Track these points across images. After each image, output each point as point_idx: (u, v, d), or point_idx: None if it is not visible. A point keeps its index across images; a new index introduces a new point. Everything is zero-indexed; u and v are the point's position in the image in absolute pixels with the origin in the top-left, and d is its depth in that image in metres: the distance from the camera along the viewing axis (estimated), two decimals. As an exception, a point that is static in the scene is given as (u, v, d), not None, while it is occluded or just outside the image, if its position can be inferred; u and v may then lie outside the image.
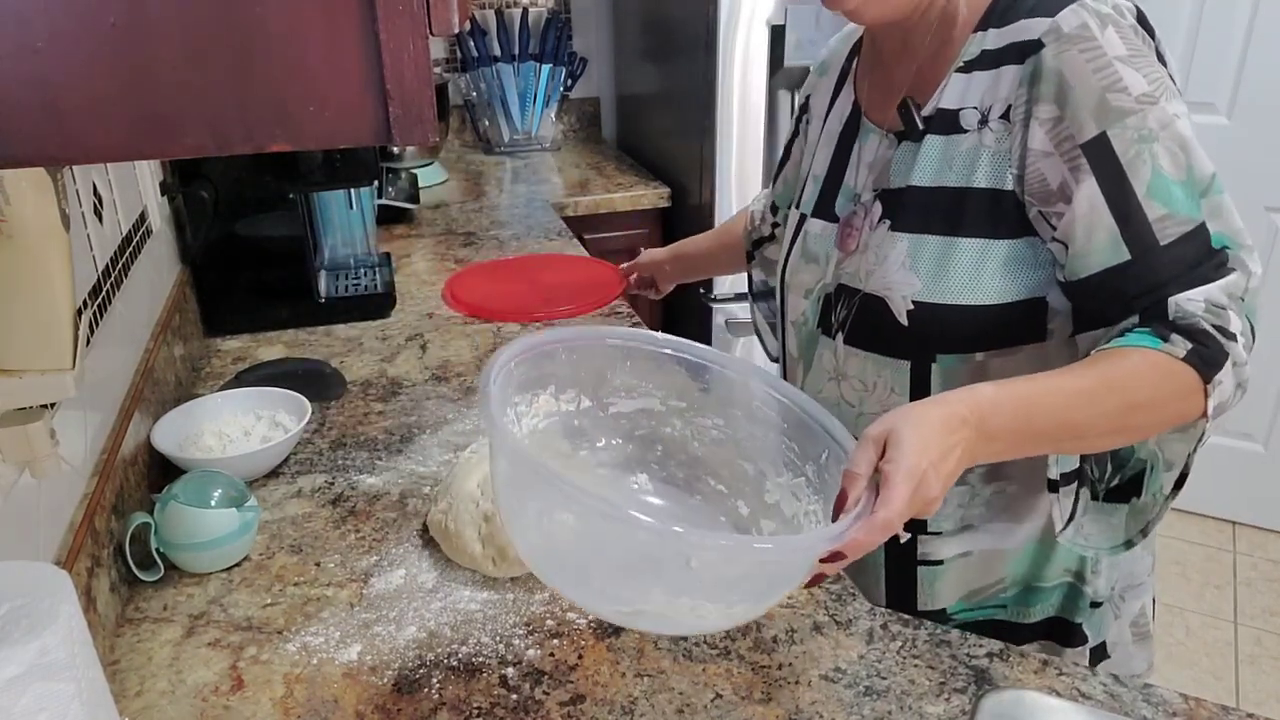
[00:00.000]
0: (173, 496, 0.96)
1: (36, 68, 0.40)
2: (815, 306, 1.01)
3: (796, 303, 1.04)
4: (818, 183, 1.03)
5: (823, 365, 1.00)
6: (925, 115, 0.89)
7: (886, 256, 0.90)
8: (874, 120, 0.97)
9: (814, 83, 1.12)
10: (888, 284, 0.90)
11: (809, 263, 1.02)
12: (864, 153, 0.97)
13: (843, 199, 0.99)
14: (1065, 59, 0.79)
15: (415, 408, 1.29)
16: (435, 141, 0.58)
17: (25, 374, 0.68)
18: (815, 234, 1.02)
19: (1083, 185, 0.80)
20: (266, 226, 1.55)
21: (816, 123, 1.08)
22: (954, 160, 0.87)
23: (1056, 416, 0.76)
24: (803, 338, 1.04)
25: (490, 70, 2.66)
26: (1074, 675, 0.82)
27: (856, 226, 0.96)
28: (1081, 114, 0.79)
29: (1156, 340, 0.77)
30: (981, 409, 0.73)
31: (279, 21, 0.42)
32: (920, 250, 0.88)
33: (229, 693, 0.82)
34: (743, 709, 0.79)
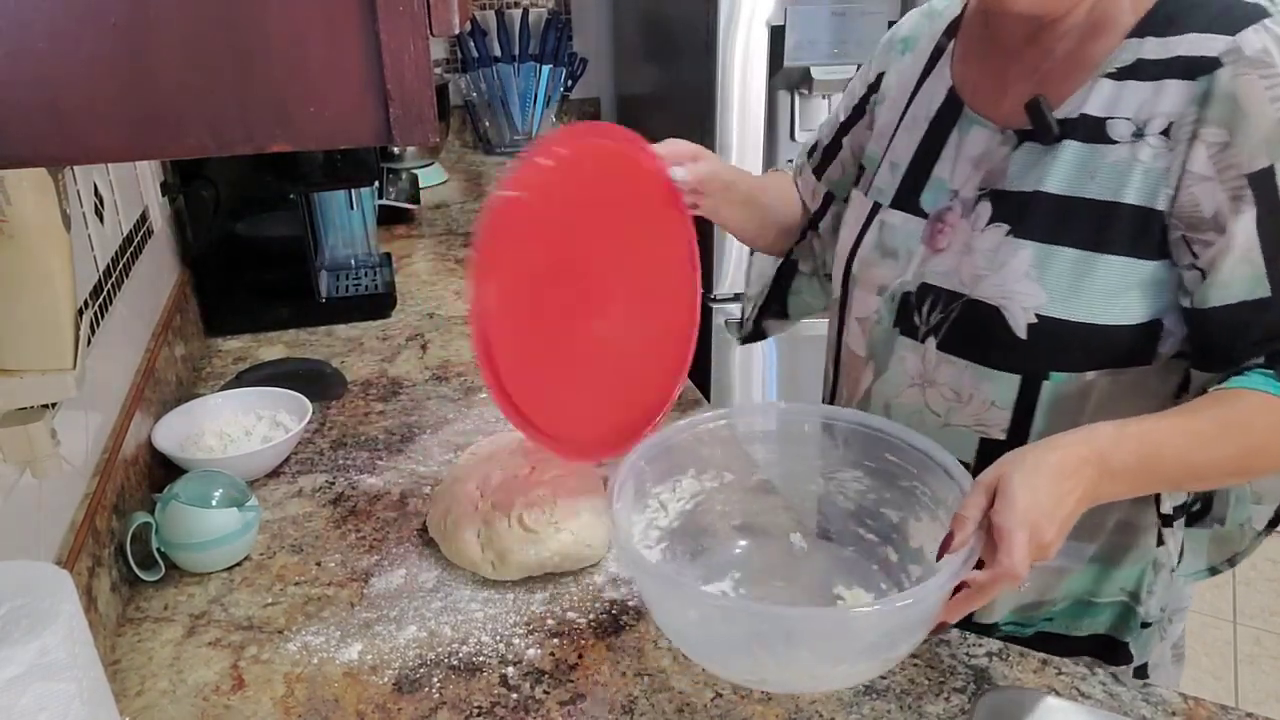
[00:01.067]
0: (174, 496, 0.96)
1: (38, 68, 0.41)
2: (891, 304, 0.95)
3: (866, 299, 0.98)
4: (897, 171, 0.97)
5: (904, 369, 0.94)
6: (1062, 119, 0.83)
7: (1005, 263, 0.85)
8: (982, 112, 0.91)
9: (891, 59, 1.04)
10: (1006, 292, 0.85)
11: (885, 257, 0.96)
12: (966, 146, 0.91)
13: (932, 193, 0.93)
14: (1243, 83, 0.75)
15: (416, 408, 1.29)
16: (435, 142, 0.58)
17: (26, 374, 0.68)
18: (895, 226, 0.95)
19: (1241, 216, 0.76)
20: (267, 227, 1.55)
21: (893, 104, 1.01)
22: (1097, 171, 0.82)
23: (1177, 458, 0.76)
24: (875, 337, 0.97)
25: (490, 71, 2.66)
26: (1073, 675, 0.82)
27: (950, 224, 0.90)
28: (1253, 143, 0.75)
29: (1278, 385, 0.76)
30: (1103, 449, 0.73)
31: (279, 22, 0.42)
32: (1049, 261, 0.83)
33: (230, 692, 0.82)
34: (743, 708, 0.79)
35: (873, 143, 1.03)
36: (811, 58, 2.08)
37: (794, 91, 2.21)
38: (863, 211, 1.00)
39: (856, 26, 2.07)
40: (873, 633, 0.70)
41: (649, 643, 0.86)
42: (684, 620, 0.76)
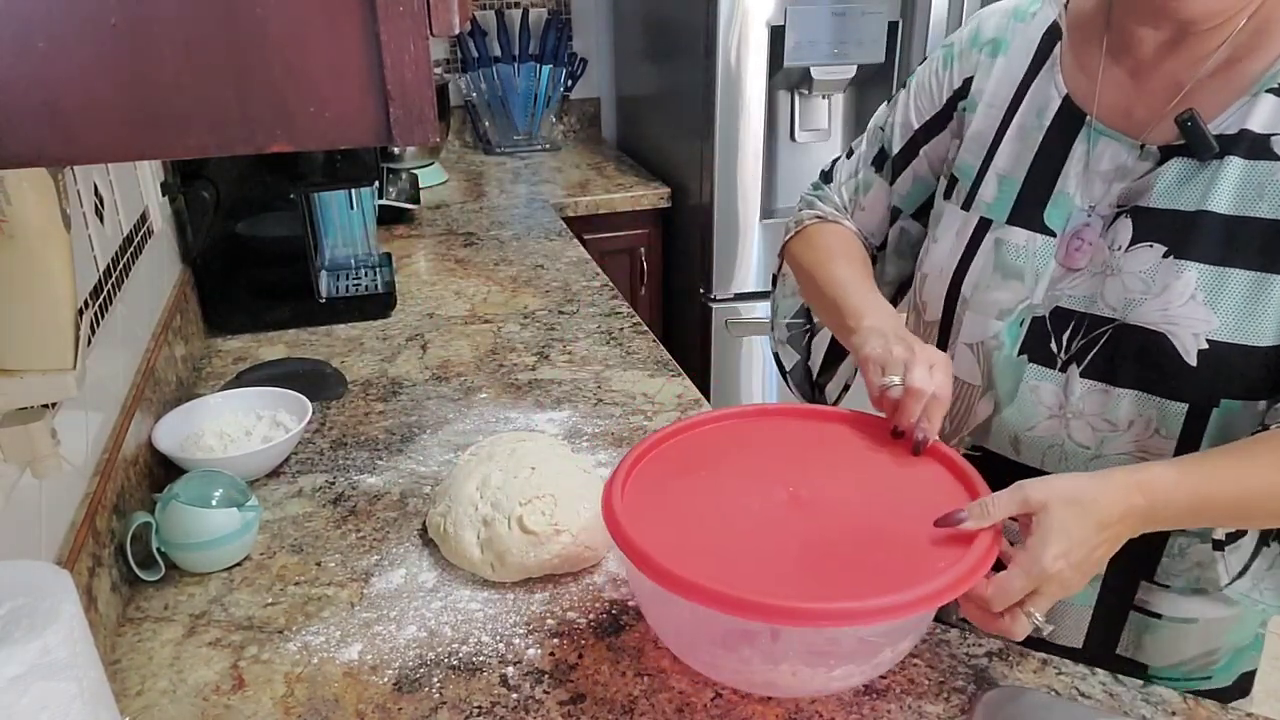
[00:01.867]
0: (174, 496, 0.96)
1: (37, 68, 0.41)
2: (1017, 329, 0.89)
3: (981, 322, 0.91)
4: (1010, 185, 0.91)
5: (1039, 399, 0.88)
6: (1219, 134, 0.79)
7: (1168, 286, 0.80)
8: (1111, 124, 0.86)
9: (978, 63, 0.97)
10: (1171, 318, 0.80)
11: (1008, 278, 0.90)
12: (1096, 160, 0.86)
13: (1058, 209, 0.88)
14: None
15: (416, 408, 1.30)
16: (436, 142, 0.58)
17: (26, 374, 0.68)
18: (1018, 245, 0.89)
19: None
20: (267, 227, 1.56)
21: (989, 111, 0.95)
22: (1266, 189, 0.78)
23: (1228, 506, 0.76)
24: (996, 364, 0.91)
25: (490, 71, 2.66)
26: (1073, 674, 0.82)
27: (1089, 241, 0.85)
28: None
29: None
30: (1153, 503, 0.73)
31: (280, 22, 0.42)
32: (1221, 284, 0.79)
33: (230, 692, 0.82)
34: (743, 708, 0.79)
35: (965, 152, 0.97)
36: (811, 58, 2.08)
37: (794, 91, 2.22)
38: (967, 227, 0.94)
39: (856, 26, 2.07)
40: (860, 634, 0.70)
41: (649, 643, 0.86)
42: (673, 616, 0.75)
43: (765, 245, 2.25)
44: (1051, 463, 0.89)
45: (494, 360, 1.43)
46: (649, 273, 2.44)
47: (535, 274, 1.80)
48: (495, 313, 1.62)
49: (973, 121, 0.96)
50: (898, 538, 0.74)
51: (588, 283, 1.75)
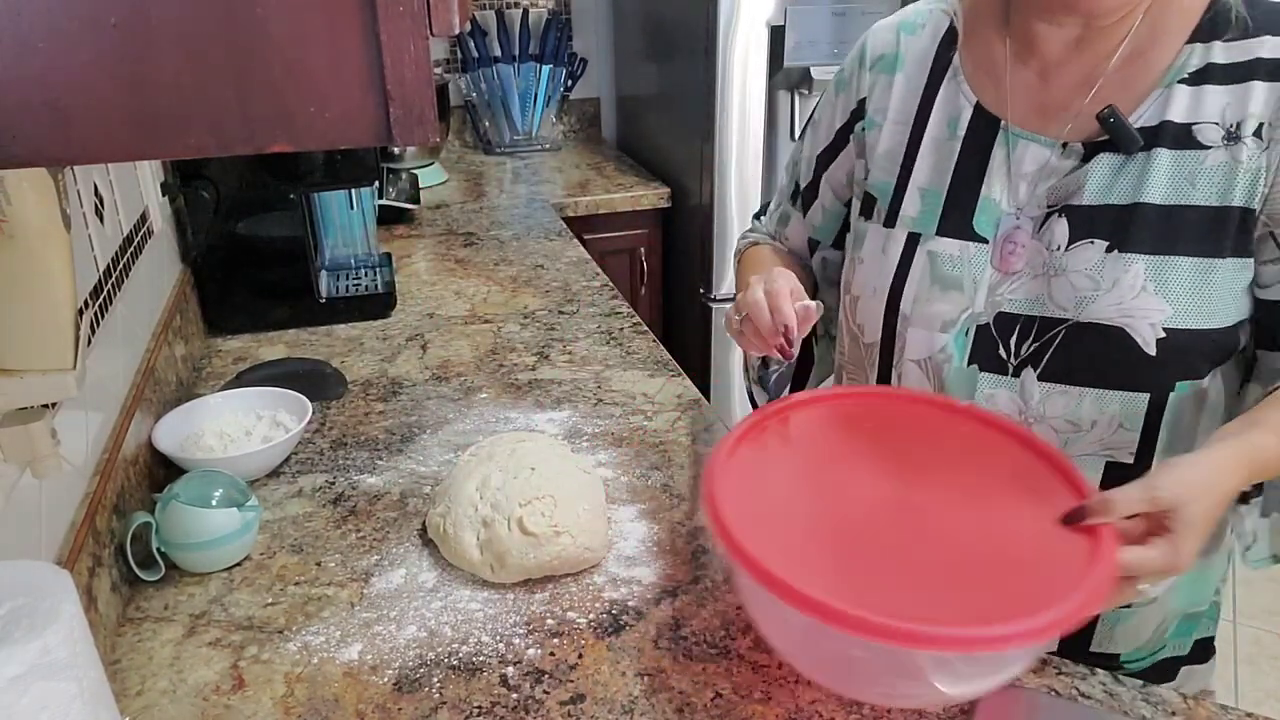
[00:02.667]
0: (174, 496, 0.96)
1: (37, 68, 0.41)
2: (963, 340, 0.89)
3: (925, 338, 0.91)
4: (933, 197, 0.91)
5: (996, 407, 0.88)
6: (1141, 127, 0.82)
7: (1118, 281, 0.82)
8: (1028, 126, 0.87)
9: (873, 82, 0.98)
10: (1126, 310, 0.81)
11: (946, 290, 0.90)
12: (1018, 163, 0.87)
13: (985, 214, 0.88)
14: None
15: (416, 408, 1.30)
16: (436, 142, 0.58)
17: (26, 374, 0.68)
18: (950, 255, 0.89)
19: None
20: (267, 226, 1.56)
21: (895, 127, 0.95)
22: (1197, 177, 0.81)
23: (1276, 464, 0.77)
24: (950, 378, 0.91)
25: (490, 71, 2.66)
26: (1073, 674, 0.82)
27: (1021, 244, 0.86)
28: None
29: None
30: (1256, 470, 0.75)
31: (280, 22, 0.42)
32: (1169, 273, 0.81)
33: (230, 692, 0.82)
34: (743, 708, 0.79)
35: (878, 170, 0.97)
36: (811, 58, 2.08)
37: (794, 91, 2.21)
38: (895, 244, 0.93)
39: (856, 26, 2.07)
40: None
41: (649, 643, 0.86)
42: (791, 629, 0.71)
43: (765, 245, 2.24)
44: None
45: (494, 360, 1.43)
46: (649, 273, 2.44)
47: (535, 274, 1.80)
48: (495, 313, 1.62)
49: (879, 141, 0.96)
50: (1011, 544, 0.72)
51: (588, 283, 1.75)
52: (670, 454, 1.17)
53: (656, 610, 0.90)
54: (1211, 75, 0.81)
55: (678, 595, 0.92)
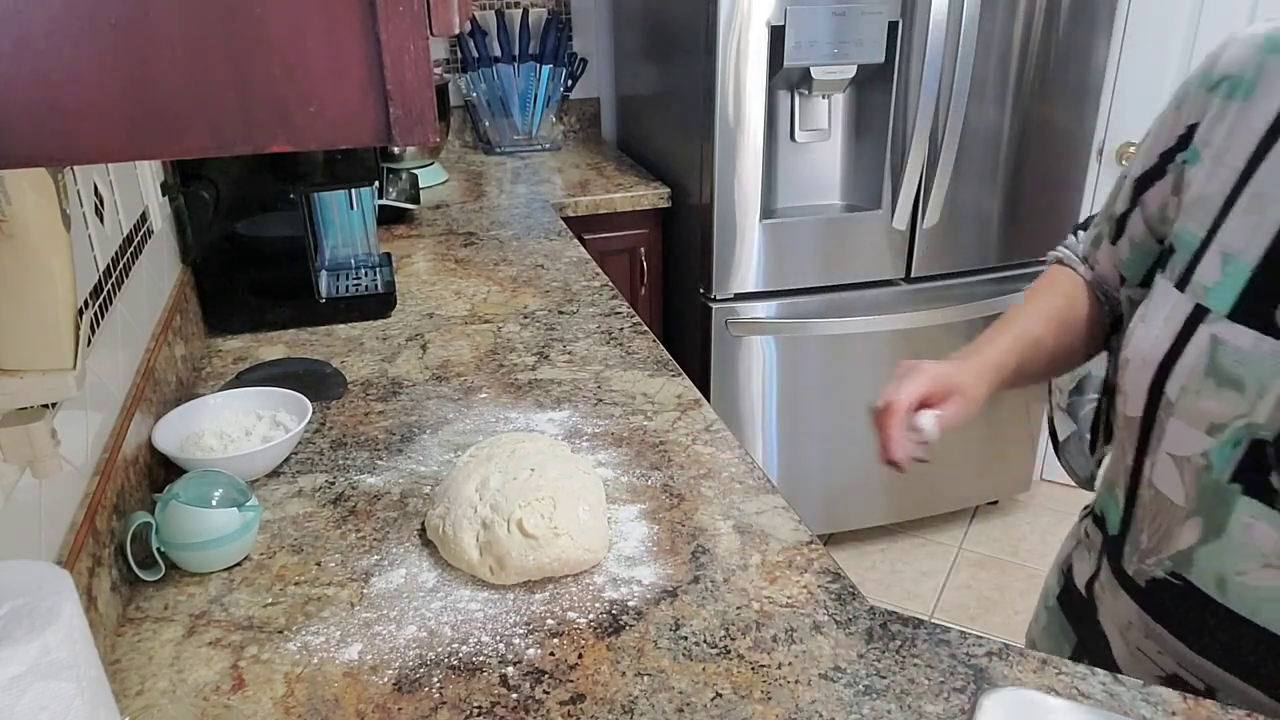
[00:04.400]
0: (174, 496, 0.96)
1: (37, 68, 0.41)
2: (1228, 451, 0.73)
3: (1188, 434, 0.76)
4: (1236, 267, 0.73)
5: (1251, 539, 0.73)
6: None
7: None
8: None
9: (1209, 105, 0.78)
10: None
11: (1223, 386, 0.73)
12: None
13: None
14: None
15: (416, 408, 1.30)
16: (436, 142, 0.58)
17: (26, 374, 0.68)
18: (1239, 348, 0.72)
19: None
20: (267, 227, 1.56)
21: (1220, 168, 0.76)
22: None
23: None
24: (1203, 487, 0.76)
25: (490, 71, 2.66)
26: (1073, 674, 0.82)
27: None
28: None
29: None
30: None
31: (279, 22, 0.42)
32: None
33: (230, 692, 0.82)
34: (743, 708, 0.79)
35: (1186, 217, 0.79)
36: (811, 58, 2.08)
37: (794, 91, 2.22)
38: (1178, 313, 0.77)
39: (856, 26, 2.07)
40: None
41: (649, 643, 0.86)
42: None
43: (765, 245, 2.25)
44: (1268, 615, 0.75)
45: (494, 360, 1.43)
46: (649, 273, 2.44)
47: (535, 274, 1.80)
48: (495, 313, 1.62)
49: (1196, 179, 0.78)
50: None
51: (588, 283, 1.75)
52: (670, 454, 1.17)
53: (656, 610, 0.90)
54: None
55: (678, 595, 0.92)
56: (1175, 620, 0.82)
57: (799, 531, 1.02)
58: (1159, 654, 0.85)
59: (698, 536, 1.01)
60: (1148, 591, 0.83)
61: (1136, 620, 0.86)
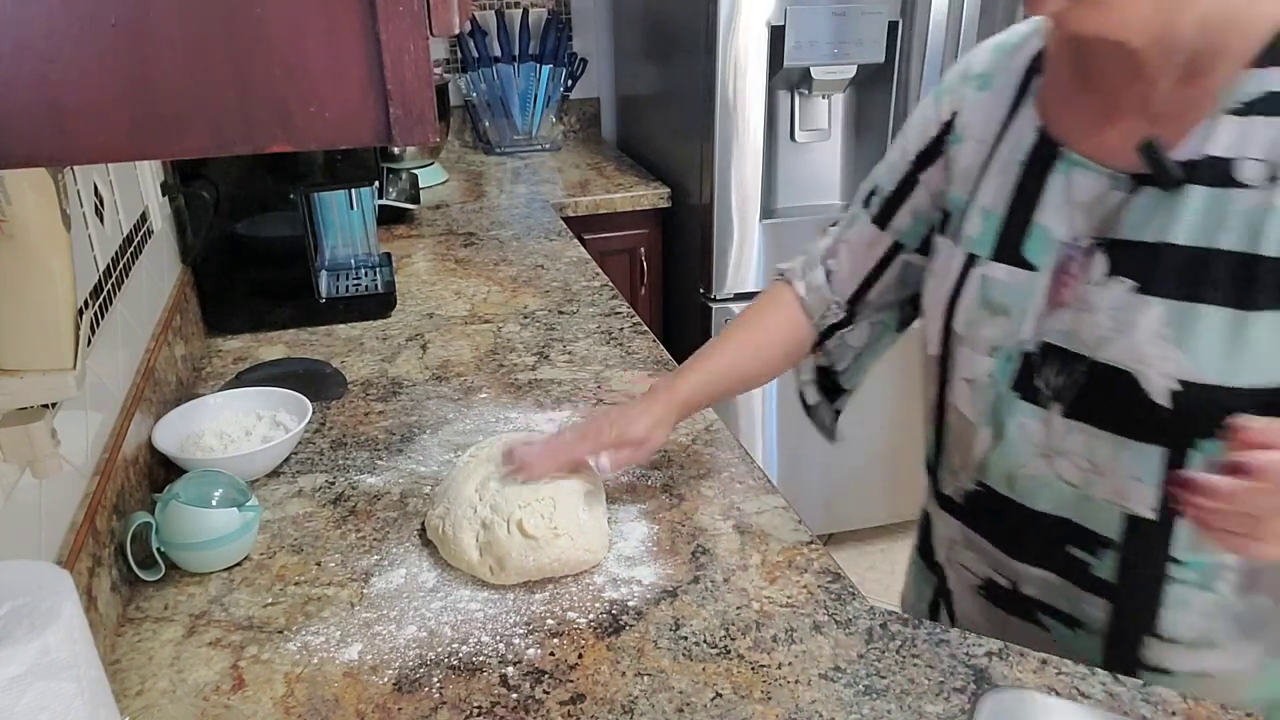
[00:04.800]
0: (174, 496, 0.96)
1: (37, 68, 0.41)
2: (1006, 366, 0.87)
3: (975, 359, 0.90)
4: (991, 219, 0.89)
5: (1027, 437, 0.86)
6: (1183, 160, 0.75)
7: (1133, 324, 0.77)
8: (1085, 154, 0.82)
9: (966, 96, 0.95)
10: (1139, 357, 0.77)
11: (994, 315, 0.88)
12: (1073, 191, 0.83)
13: (1036, 243, 0.85)
14: None
15: (416, 408, 1.30)
16: (436, 142, 0.58)
17: (26, 374, 0.68)
18: (1000, 281, 0.87)
19: None
20: (267, 227, 1.56)
21: (975, 145, 0.93)
22: (1229, 219, 0.74)
23: None
24: (989, 400, 0.89)
25: (490, 71, 2.66)
26: (1073, 675, 0.82)
27: (1073, 274, 0.82)
28: None
29: None
30: None
31: (279, 22, 0.42)
32: (1189, 321, 0.74)
33: (230, 692, 0.82)
34: (742, 708, 0.79)
35: (955, 187, 0.95)
36: (811, 58, 2.08)
37: (794, 91, 2.22)
38: (955, 262, 0.92)
39: (856, 26, 2.07)
40: None
41: (649, 643, 0.86)
42: None
43: (765, 245, 2.25)
44: (1045, 501, 0.87)
45: (494, 360, 1.43)
46: (649, 273, 2.44)
47: (535, 274, 1.80)
48: (495, 313, 1.62)
49: (960, 156, 0.94)
50: None
51: (588, 283, 1.75)
52: (670, 454, 1.17)
53: (656, 610, 0.90)
54: (1267, 106, 0.73)
55: (678, 595, 0.92)
56: (985, 525, 0.94)
57: (799, 531, 1.02)
58: (976, 562, 0.97)
59: (698, 536, 1.01)
60: (964, 506, 0.96)
61: (959, 535, 0.98)
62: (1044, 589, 0.91)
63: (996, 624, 0.97)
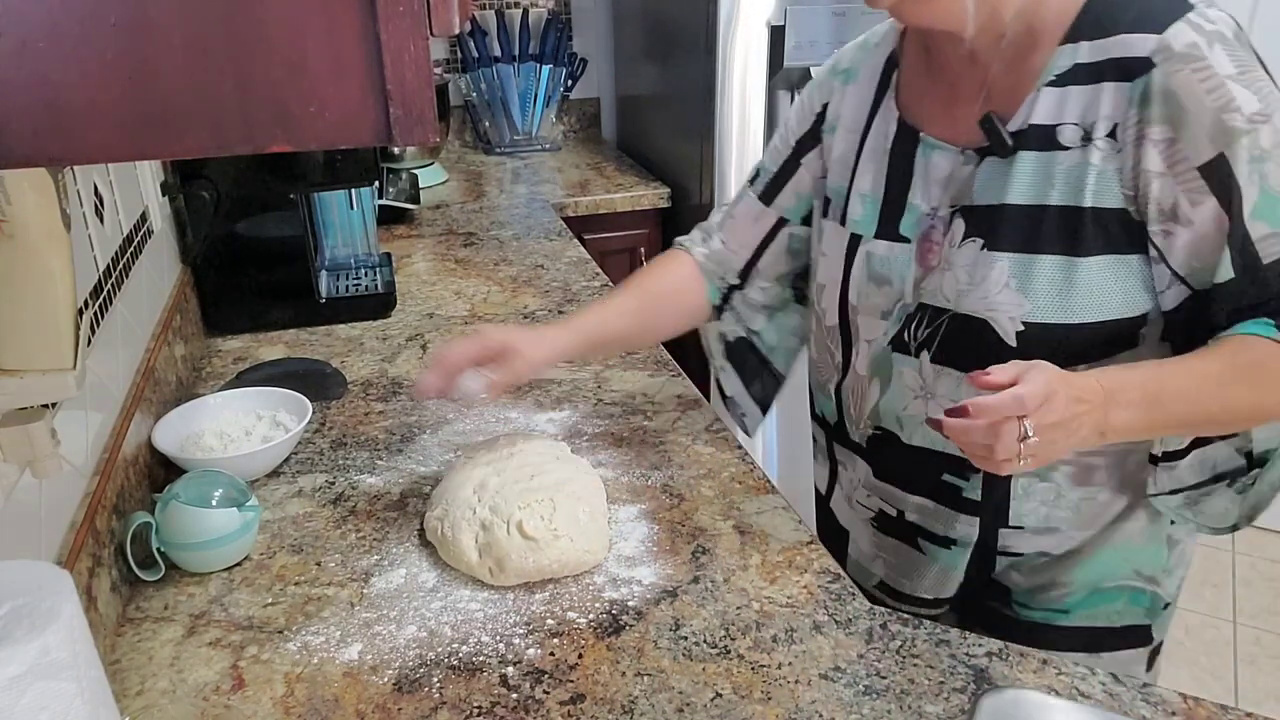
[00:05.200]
0: (174, 496, 0.96)
1: (37, 68, 0.41)
2: (893, 326, 0.98)
3: (871, 323, 1.01)
4: (870, 203, 1.00)
5: (904, 383, 0.98)
6: (1015, 130, 0.86)
7: (985, 277, 0.88)
8: (939, 136, 0.94)
9: (832, 91, 1.07)
10: (990, 305, 0.88)
11: (880, 286, 0.99)
12: (931, 170, 0.94)
13: (910, 218, 0.96)
14: (1178, 80, 0.78)
15: (416, 408, 1.29)
16: (436, 142, 0.58)
17: (26, 374, 0.68)
18: (881, 256, 0.98)
19: (1200, 207, 0.80)
20: (267, 227, 1.56)
21: (846, 135, 1.04)
22: (1055, 178, 0.85)
23: (1186, 395, 0.80)
24: (875, 355, 1.01)
25: (490, 71, 2.66)
26: (1073, 675, 0.82)
27: (936, 241, 0.93)
28: (1198, 137, 0.78)
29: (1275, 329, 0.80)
30: (1111, 383, 0.78)
31: (279, 22, 0.42)
32: (1029, 270, 0.86)
33: (230, 692, 0.82)
34: (742, 708, 0.79)
35: (833, 174, 1.05)
36: (811, 58, 2.08)
37: (794, 91, 2.21)
38: (843, 243, 1.02)
39: (856, 26, 2.07)
40: None
41: (649, 643, 0.86)
42: None
43: (765, 245, 2.24)
44: (923, 437, 0.98)
45: (494, 360, 1.43)
46: (649, 273, 2.43)
47: (535, 274, 1.80)
48: (495, 313, 1.62)
49: (835, 144, 1.05)
50: None
51: (588, 283, 1.75)
52: (670, 454, 1.17)
53: (656, 610, 0.90)
54: (1076, 75, 0.83)
55: (678, 595, 0.92)
56: (881, 463, 1.05)
57: (799, 531, 1.02)
58: (869, 497, 1.08)
59: (698, 536, 1.01)
60: (868, 449, 1.06)
61: (863, 476, 1.08)
62: (923, 514, 1.02)
63: (886, 550, 1.08)
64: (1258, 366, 0.80)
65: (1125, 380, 0.79)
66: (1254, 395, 0.81)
